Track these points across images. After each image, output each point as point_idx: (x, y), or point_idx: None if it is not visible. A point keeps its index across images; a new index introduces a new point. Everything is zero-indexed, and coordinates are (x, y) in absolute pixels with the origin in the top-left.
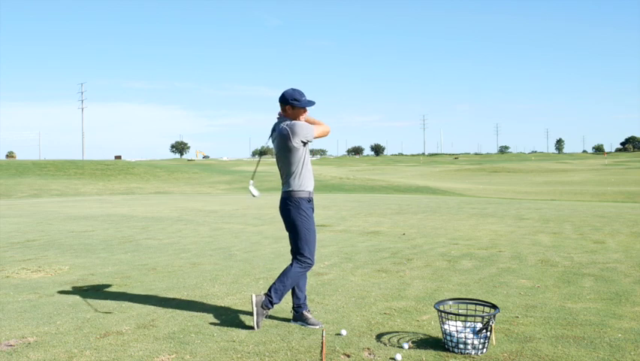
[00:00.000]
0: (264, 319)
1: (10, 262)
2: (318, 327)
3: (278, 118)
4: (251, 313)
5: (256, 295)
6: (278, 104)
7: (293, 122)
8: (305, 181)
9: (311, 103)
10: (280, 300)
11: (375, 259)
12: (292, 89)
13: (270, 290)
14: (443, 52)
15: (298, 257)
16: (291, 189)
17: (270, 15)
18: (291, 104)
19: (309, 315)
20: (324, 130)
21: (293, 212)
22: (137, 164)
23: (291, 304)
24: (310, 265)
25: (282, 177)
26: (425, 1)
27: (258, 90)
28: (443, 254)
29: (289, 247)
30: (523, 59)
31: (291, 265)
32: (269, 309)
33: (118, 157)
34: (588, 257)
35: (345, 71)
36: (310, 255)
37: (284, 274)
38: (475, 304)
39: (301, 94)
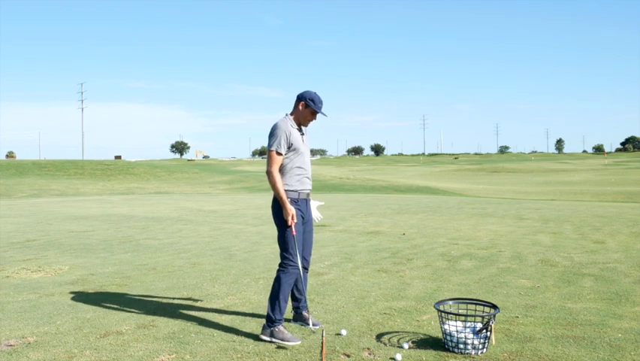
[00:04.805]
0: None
1: (10, 262)
2: (318, 327)
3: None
4: (250, 314)
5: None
6: (278, 104)
7: (275, 123)
8: (290, 181)
9: (321, 112)
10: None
11: (375, 259)
12: (316, 92)
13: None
14: (443, 52)
15: (280, 259)
16: None
17: (271, 15)
18: (306, 102)
19: (308, 315)
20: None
21: (276, 210)
22: (137, 164)
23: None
24: (292, 268)
25: None
26: (425, 1)
27: (258, 90)
28: (443, 254)
29: None
30: (523, 59)
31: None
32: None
33: (118, 157)
34: (588, 257)
35: (345, 71)
36: (292, 257)
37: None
38: (475, 304)
39: (320, 101)
